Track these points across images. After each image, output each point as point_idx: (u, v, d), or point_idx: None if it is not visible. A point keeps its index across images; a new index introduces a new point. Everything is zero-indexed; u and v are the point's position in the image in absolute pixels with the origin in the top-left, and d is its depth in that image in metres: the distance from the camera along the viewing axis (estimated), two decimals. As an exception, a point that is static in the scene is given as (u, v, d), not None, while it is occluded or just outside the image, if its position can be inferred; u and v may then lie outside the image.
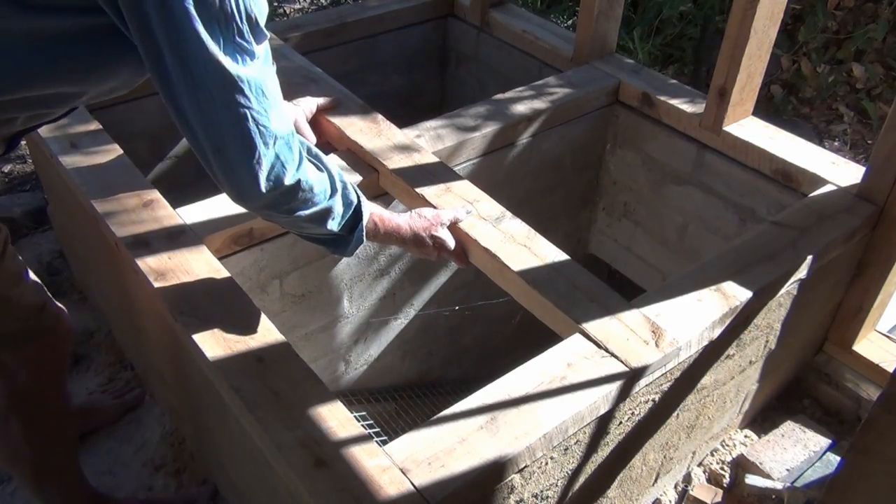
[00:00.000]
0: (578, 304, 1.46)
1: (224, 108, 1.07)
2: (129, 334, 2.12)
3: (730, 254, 1.64)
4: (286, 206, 1.23)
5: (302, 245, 1.81)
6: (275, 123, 1.12)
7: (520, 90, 2.18)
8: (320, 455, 1.17)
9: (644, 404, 1.49)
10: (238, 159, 1.11)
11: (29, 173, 3.02)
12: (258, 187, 1.14)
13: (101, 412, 2.07)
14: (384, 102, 2.71)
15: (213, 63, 1.04)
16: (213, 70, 1.04)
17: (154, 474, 1.96)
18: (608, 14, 2.30)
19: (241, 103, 1.08)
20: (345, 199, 1.34)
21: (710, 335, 1.50)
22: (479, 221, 1.65)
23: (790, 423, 2.05)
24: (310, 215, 1.27)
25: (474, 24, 2.72)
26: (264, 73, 1.11)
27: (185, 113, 1.08)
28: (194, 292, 1.44)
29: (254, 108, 1.09)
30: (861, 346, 2.06)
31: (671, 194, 2.30)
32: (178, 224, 1.60)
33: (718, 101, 2.01)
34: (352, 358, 2.19)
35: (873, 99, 3.68)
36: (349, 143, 1.88)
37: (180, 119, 1.10)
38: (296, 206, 1.24)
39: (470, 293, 2.29)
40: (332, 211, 1.30)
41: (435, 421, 1.24)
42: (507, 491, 1.28)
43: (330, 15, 2.60)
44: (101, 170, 1.73)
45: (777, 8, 1.85)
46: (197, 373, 1.49)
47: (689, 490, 1.93)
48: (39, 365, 1.52)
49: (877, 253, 1.88)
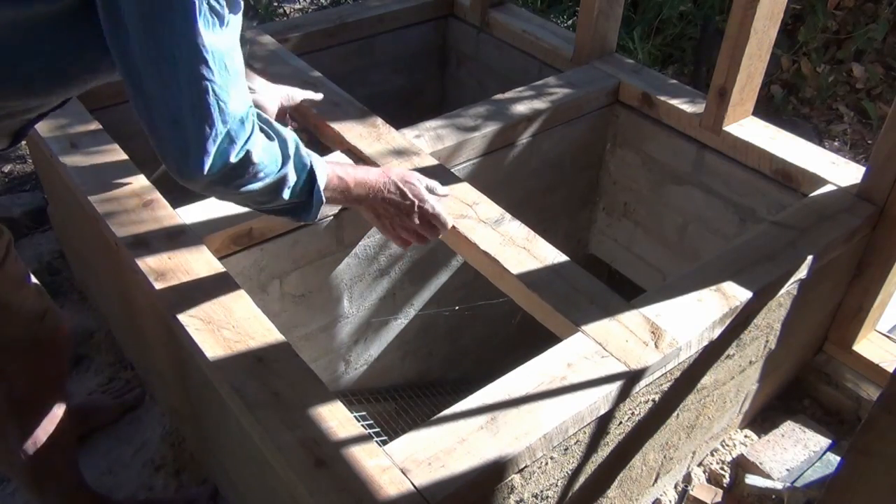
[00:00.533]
0: (578, 305, 1.46)
1: (187, 77, 1.04)
2: (129, 334, 2.12)
3: (730, 254, 1.64)
4: (235, 182, 1.18)
5: (302, 245, 1.81)
6: (233, 100, 1.09)
7: (520, 90, 2.18)
8: (320, 455, 1.17)
9: (644, 404, 1.49)
10: (194, 132, 1.08)
11: (29, 173, 3.02)
12: (206, 163, 1.10)
13: (101, 412, 2.07)
14: (384, 103, 2.71)
15: (180, 24, 1.01)
16: (179, 32, 1.01)
17: (154, 474, 1.96)
18: (608, 14, 2.30)
19: (204, 75, 1.05)
20: (298, 165, 1.27)
21: (710, 335, 1.50)
22: (479, 224, 1.65)
23: (790, 423, 2.05)
24: (262, 189, 1.22)
25: (474, 24, 2.72)
26: (230, 45, 1.08)
27: (141, 79, 1.04)
28: (194, 292, 1.44)
29: (216, 81, 1.06)
30: (861, 346, 2.06)
31: (671, 194, 2.30)
32: (177, 224, 1.60)
33: (718, 101, 2.01)
34: (352, 358, 2.19)
35: (873, 99, 3.68)
36: (349, 147, 1.88)
37: (135, 86, 1.06)
38: (246, 181, 1.18)
39: (470, 293, 2.29)
40: (287, 179, 1.25)
41: (435, 421, 1.24)
42: (507, 491, 1.28)
43: (330, 15, 2.61)
44: (101, 170, 1.73)
45: (777, 8, 1.85)
46: (197, 373, 1.49)
47: (689, 490, 1.93)
48: (39, 372, 1.52)
49: (877, 253, 1.89)
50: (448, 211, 1.56)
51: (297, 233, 1.78)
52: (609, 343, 1.39)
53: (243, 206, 1.39)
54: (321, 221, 1.80)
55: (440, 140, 1.95)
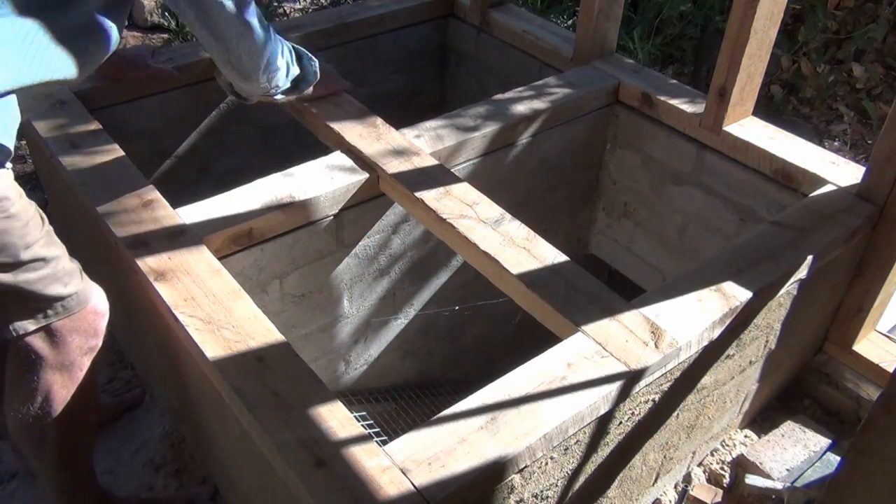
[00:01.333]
0: (578, 306, 1.46)
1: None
2: (129, 334, 2.12)
3: (730, 254, 1.64)
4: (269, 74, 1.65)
5: (302, 245, 1.81)
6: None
7: (520, 90, 2.18)
8: (320, 455, 1.17)
9: (644, 404, 1.49)
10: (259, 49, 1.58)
11: (29, 173, 3.02)
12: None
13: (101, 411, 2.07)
14: (384, 102, 2.71)
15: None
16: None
17: (154, 474, 1.96)
18: (608, 14, 2.30)
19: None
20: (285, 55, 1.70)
21: (710, 335, 1.50)
22: (479, 224, 1.65)
23: (790, 423, 2.05)
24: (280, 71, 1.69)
25: (474, 24, 2.72)
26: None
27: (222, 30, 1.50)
28: (194, 292, 1.44)
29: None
30: (861, 346, 2.06)
31: (671, 194, 2.30)
32: (177, 224, 1.60)
33: (718, 101, 2.01)
34: (352, 358, 2.19)
35: (873, 99, 3.68)
36: (348, 147, 1.88)
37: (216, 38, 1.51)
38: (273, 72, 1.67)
39: (470, 293, 2.29)
40: (287, 65, 1.72)
41: (435, 421, 1.24)
42: (507, 491, 1.28)
43: (330, 15, 2.60)
44: (101, 170, 1.73)
45: (777, 8, 1.85)
46: (197, 373, 1.49)
47: (689, 490, 1.93)
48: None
49: (877, 253, 1.89)
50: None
51: (297, 233, 1.78)
52: (609, 343, 1.39)
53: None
54: (321, 221, 1.81)
55: (440, 140, 1.95)
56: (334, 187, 1.77)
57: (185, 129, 2.34)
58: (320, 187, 1.76)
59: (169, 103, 2.24)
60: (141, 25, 4.18)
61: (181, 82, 2.22)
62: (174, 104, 2.26)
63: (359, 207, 1.86)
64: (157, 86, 2.20)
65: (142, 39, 4.10)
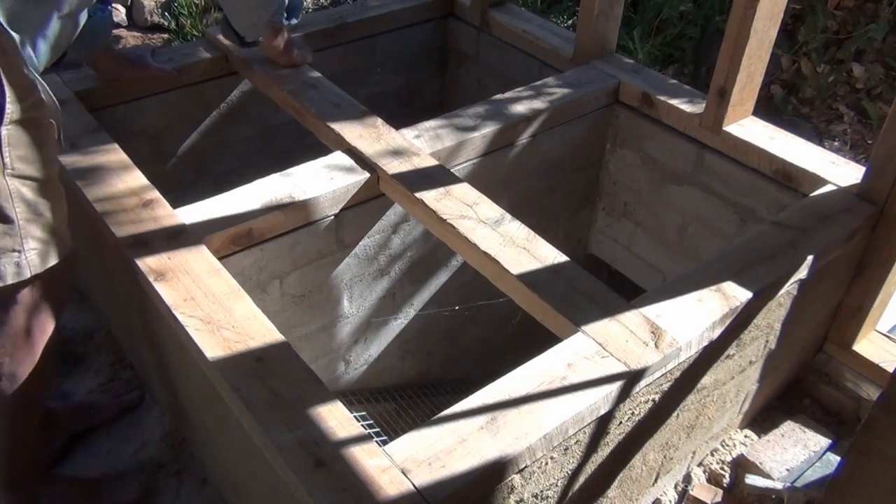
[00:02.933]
0: (578, 306, 1.46)
1: None
2: (129, 334, 2.12)
3: (730, 254, 1.64)
4: None
5: (302, 245, 1.81)
6: None
7: (520, 90, 2.18)
8: (320, 455, 1.17)
9: (644, 404, 1.49)
10: None
11: (29, 173, 3.01)
12: None
13: (99, 410, 2.07)
14: (384, 103, 2.72)
15: None
16: None
17: (154, 474, 1.96)
18: (608, 14, 2.30)
19: None
20: None
21: (710, 335, 1.50)
22: (479, 224, 1.65)
23: (790, 423, 2.05)
24: None
25: (474, 24, 2.72)
26: None
27: None
28: (194, 292, 1.44)
29: None
30: (861, 346, 2.06)
31: (671, 194, 2.30)
32: (177, 224, 1.60)
33: (718, 101, 2.01)
34: (352, 358, 2.19)
35: (873, 99, 3.68)
36: (348, 147, 1.88)
37: None
38: None
39: (470, 293, 2.29)
40: None
41: (435, 421, 1.24)
42: (507, 491, 1.28)
43: (330, 15, 2.60)
44: (101, 170, 1.73)
45: (777, 8, 1.85)
46: (197, 373, 1.49)
47: (689, 490, 1.93)
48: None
49: (877, 253, 1.89)
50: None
51: (297, 233, 1.79)
52: (609, 343, 1.39)
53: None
54: (321, 221, 1.81)
55: (440, 140, 1.95)
56: (334, 187, 1.77)
57: (185, 129, 2.34)
58: (320, 187, 1.76)
59: (169, 103, 2.24)
60: (141, 25, 4.18)
61: (181, 82, 2.22)
62: (174, 104, 2.26)
63: (359, 207, 1.86)
64: (157, 86, 2.20)
65: (142, 39, 4.10)
